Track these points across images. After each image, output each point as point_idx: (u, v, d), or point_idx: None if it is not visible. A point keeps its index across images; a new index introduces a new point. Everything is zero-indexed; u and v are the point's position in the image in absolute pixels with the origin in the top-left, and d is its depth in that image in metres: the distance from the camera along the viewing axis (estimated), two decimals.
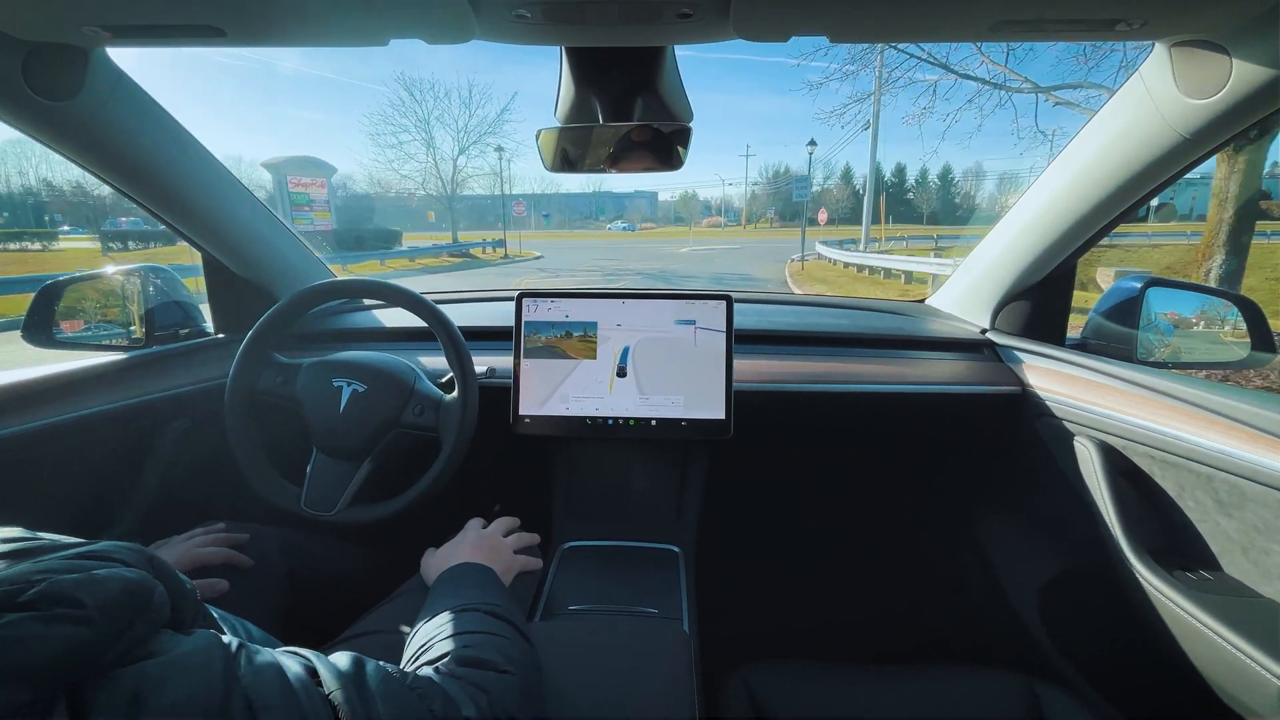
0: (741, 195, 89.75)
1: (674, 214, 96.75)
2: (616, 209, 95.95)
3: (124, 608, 0.27)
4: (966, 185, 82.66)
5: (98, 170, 0.90)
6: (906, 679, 0.81)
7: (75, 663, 0.24)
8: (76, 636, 0.24)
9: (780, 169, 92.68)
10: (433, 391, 0.98)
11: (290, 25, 0.66)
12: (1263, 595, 0.70)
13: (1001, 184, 76.40)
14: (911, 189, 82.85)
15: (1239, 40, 0.64)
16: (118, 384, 0.96)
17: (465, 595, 0.64)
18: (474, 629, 0.58)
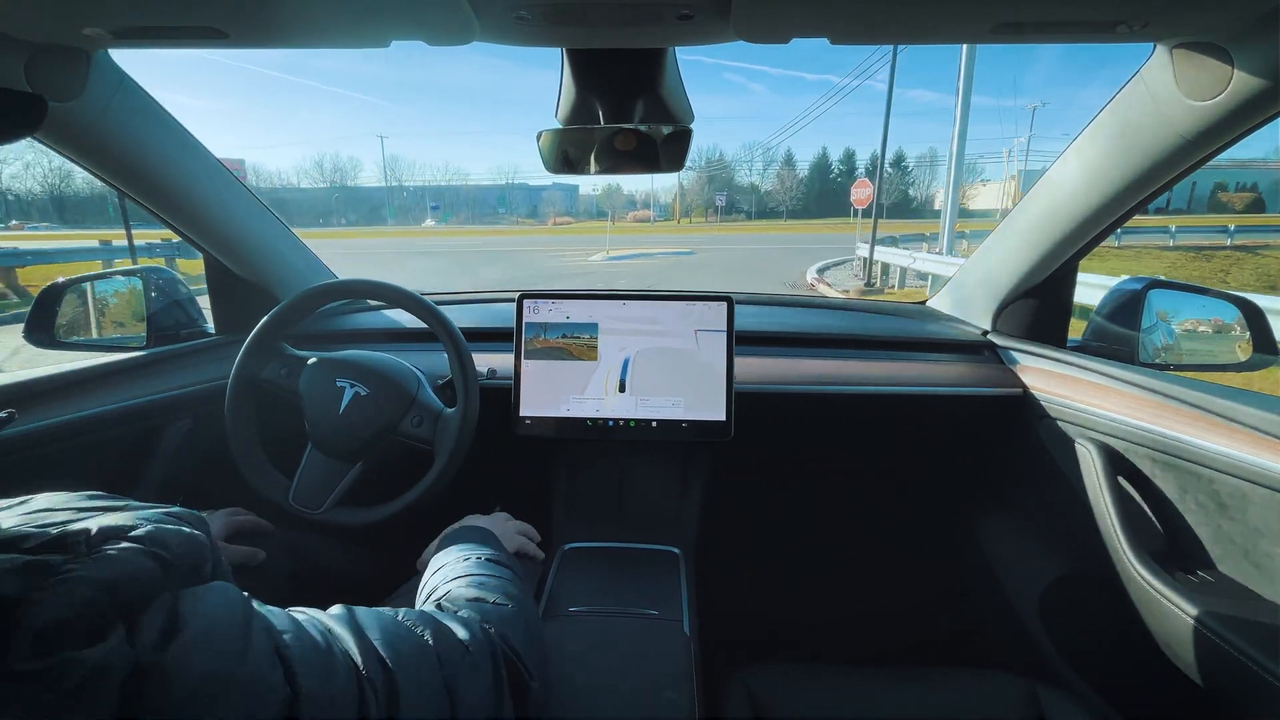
0: (669, 189, 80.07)
1: (597, 208, 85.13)
2: (529, 202, 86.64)
3: (190, 560, 0.33)
4: (923, 174, 76.25)
5: (100, 172, 0.90)
6: (907, 681, 0.80)
7: (147, 589, 0.29)
8: (157, 571, 0.30)
9: (714, 155, 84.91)
10: (433, 403, 0.97)
11: (292, 27, 0.66)
12: (1265, 598, 0.70)
13: (966, 170, 72.87)
14: (865, 177, 76.39)
15: (1240, 42, 0.64)
16: (120, 384, 0.97)
17: (462, 549, 0.66)
18: (473, 572, 0.60)
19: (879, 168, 7.47)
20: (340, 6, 0.62)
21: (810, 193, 71.01)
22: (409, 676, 0.40)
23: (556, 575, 0.96)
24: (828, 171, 72.24)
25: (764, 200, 71.58)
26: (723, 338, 1.01)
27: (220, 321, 1.21)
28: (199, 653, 0.28)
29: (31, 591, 0.24)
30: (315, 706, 0.31)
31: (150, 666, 0.26)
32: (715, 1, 0.59)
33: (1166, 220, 24.44)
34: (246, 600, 0.34)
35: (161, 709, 0.25)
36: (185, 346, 1.12)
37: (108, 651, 0.25)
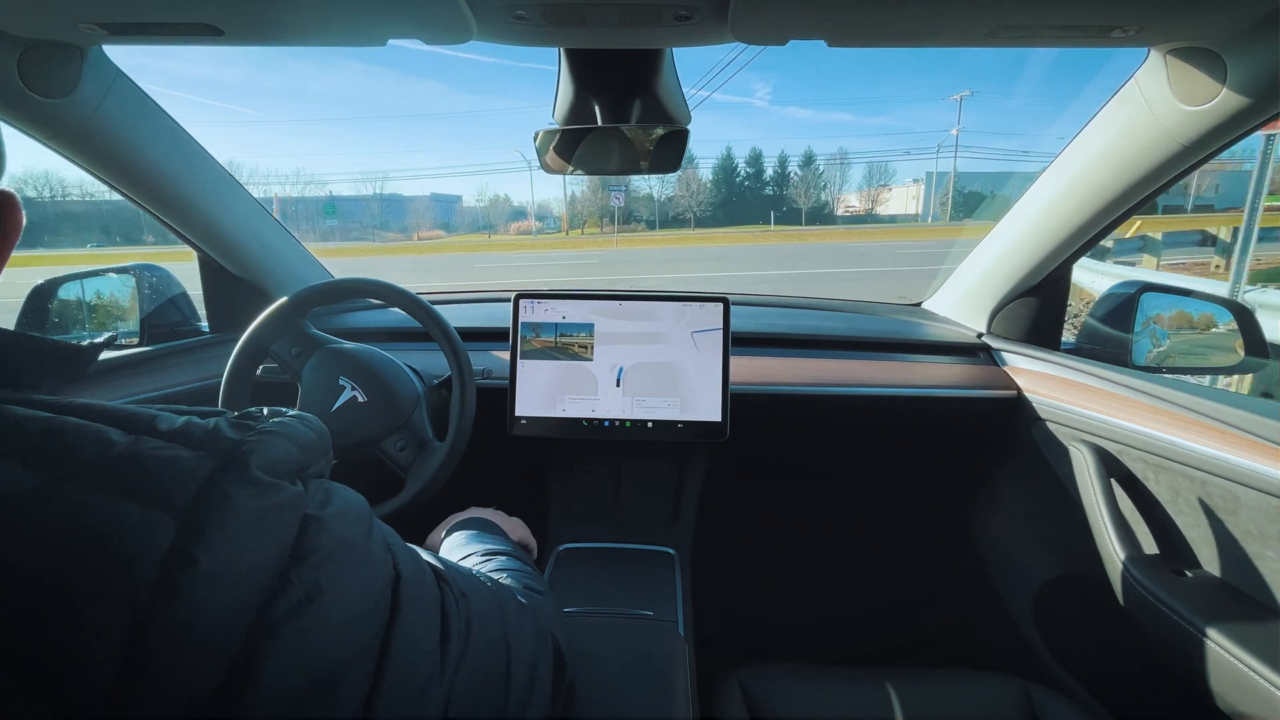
0: (559, 198, 67.39)
1: (481, 220, 72.79)
2: (397, 214, 71.27)
3: (325, 439, 0.39)
4: (831, 174, 66.60)
5: (94, 168, 0.89)
6: (901, 681, 0.81)
7: (311, 452, 0.36)
8: (313, 437, 0.37)
9: None
10: (423, 431, 0.95)
11: (289, 25, 0.66)
12: (1255, 599, 0.70)
13: (871, 173, 66.24)
14: (772, 181, 64.99)
15: (1233, 47, 0.64)
16: (113, 382, 0.96)
17: (485, 542, 0.68)
18: (506, 568, 0.61)
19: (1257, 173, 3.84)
20: (337, 5, 0.62)
21: (718, 198, 63.72)
22: (479, 612, 0.44)
23: (552, 575, 0.96)
24: (734, 175, 65.41)
25: (666, 208, 62.63)
26: (719, 338, 1.01)
27: (215, 320, 1.21)
28: (343, 520, 0.35)
29: (248, 437, 0.32)
30: (412, 589, 0.37)
31: (314, 518, 0.33)
32: (713, 3, 0.59)
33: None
34: (365, 502, 0.40)
35: (316, 551, 0.32)
36: (179, 344, 1.11)
37: (297, 494, 0.33)
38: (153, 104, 0.90)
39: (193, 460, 0.30)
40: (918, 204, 60.28)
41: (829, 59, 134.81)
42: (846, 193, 68.39)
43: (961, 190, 56.71)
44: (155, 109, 0.91)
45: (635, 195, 64.43)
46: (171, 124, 0.94)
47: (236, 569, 0.28)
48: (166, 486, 0.28)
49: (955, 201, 53.13)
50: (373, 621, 0.34)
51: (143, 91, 0.88)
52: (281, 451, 0.34)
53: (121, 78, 0.83)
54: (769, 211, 56.26)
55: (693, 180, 62.40)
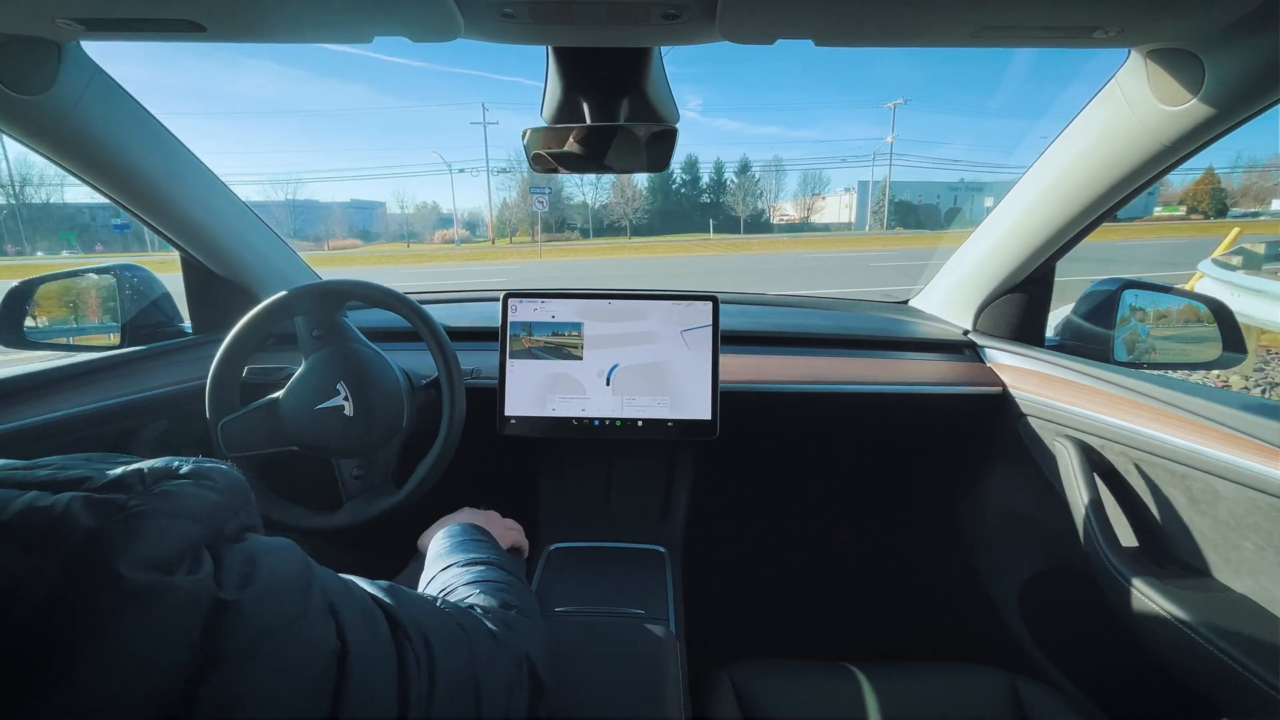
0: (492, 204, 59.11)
1: (406, 228, 66.12)
2: (311, 222, 62.65)
3: (239, 495, 0.34)
4: (767, 182, 65.07)
5: (72, 166, 0.88)
6: (891, 676, 0.81)
7: (216, 520, 0.31)
8: (217, 500, 0.31)
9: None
10: (384, 470, 0.93)
11: (272, 22, 0.65)
12: (1233, 590, 0.72)
13: (806, 181, 65.09)
14: (708, 189, 62.40)
15: (1211, 48, 0.65)
16: (92, 385, 0.94)
17: (471, 551, 0.66)
18: (487, 579, 0.60)
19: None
20: (322, 2, 0.61)
21: (655, 206, 59.69)
22: (444, 657, 0.41)
23: (543, 575, 0.95)
24: (670, 182, 61.24)
25: (601, 215, 58.74)
26: (708, 337, 1.01)
27: (198, 321, 1.19)
28: (270, 600, 0.29)
29: (111, 524, 0.25)
30: (361, 660, 0.33)
31: (231, 604, 0.27)
32: (701, 2, 0.59)
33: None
34: (305, 556, 0.36)
35: (233, 646, 0.26)
36: (162, 346, 1.09)
37: (198, 582, 0.27)
38: (132, 101, 0.88)
39: (27, 571, 0.23)
40: (850, 212, 60.19)
41: (760, 68, 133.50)
42: (782, 201, 67.68)
43: (894, 199, 56.92)
44: (135, 106, 0.89)
45: (569, 202, 60.78)
46: (152, 121, 0.92)
47: (113, 708, 0.22)
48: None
49: (887, 210, 53.46)
50: (314, 708, 0.30)
51: (122, 88, 0.86)
52: (164, 535, 0.27)
53: (100, 74, 0.82)
54: (707, 220, 52.93)
55: (628, 187, 57.90)
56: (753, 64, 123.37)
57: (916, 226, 53.05)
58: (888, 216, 53.50)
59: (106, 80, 0.83)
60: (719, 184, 62.49)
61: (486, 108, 38.73)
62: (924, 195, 61.63)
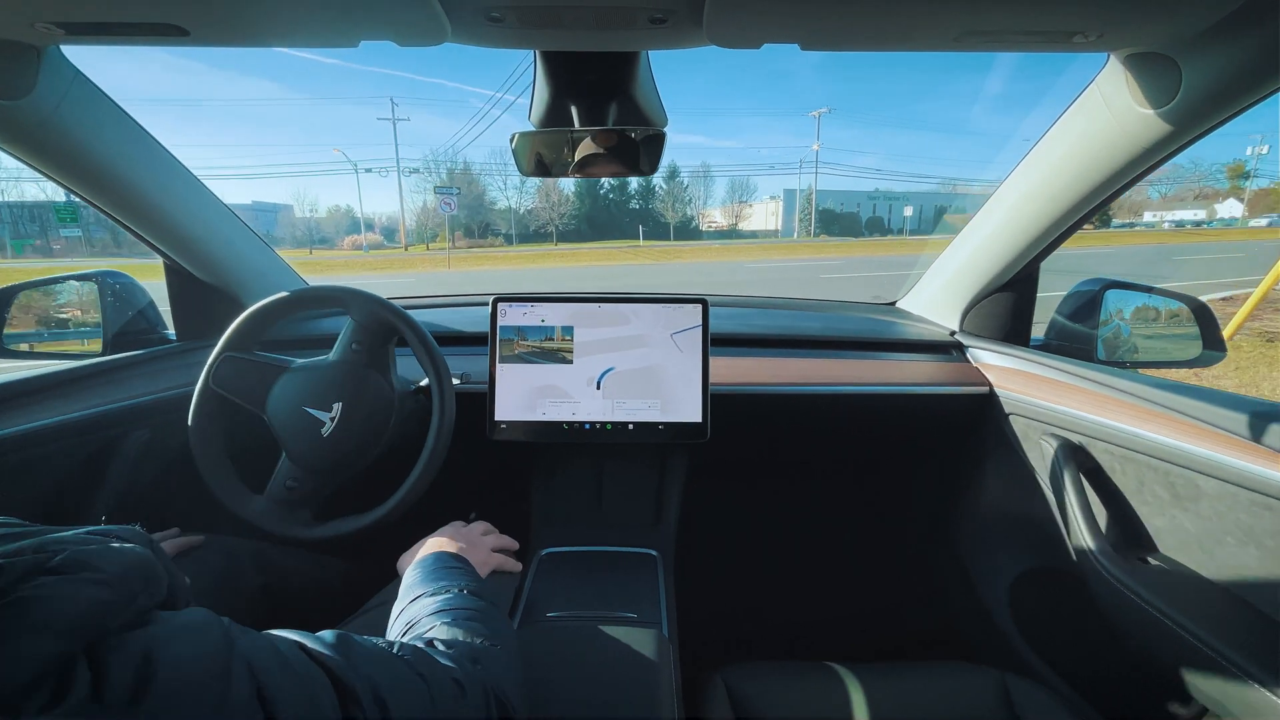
0: (411, 209, 53.35)
1: (315, 232, 60.28)
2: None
3: (135, 577, 0.30)
4: (696, 189, 63.14)
5: (52, 173, 0.86)
6: (882, 675, 0.82)
7: (96, 621, 0.26)
8: (98, 597, 0.27)
9: (457, 167, 56.98)
10: (321, 491, 0.92)
11: (257, 26, 0.65)
12: (1216, 583, 0.73)
13: (734, 188, 64.34)
14: (637, 195, 59.17)
15: (1188, 52, 0.67)
16: (73, 393, 0.93)
17: (444, 580, 0.64)
18: (455, 607, 0.58)
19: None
20: (307, 5, 0.61)
21: (582, 211, 57.10)
22: (401, 713, 0.38)
23: (535, 580, 0.95)
24: (598, 187, 57.67)
25: (526, 220, 56.18)
26: (698, 340, 1.01)
27: (182, 328, 1.17)
28: (174, 702, 0.25)
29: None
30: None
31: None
32: (688, 6, 0.60)
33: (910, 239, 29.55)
34: (225, 631, 0.32)
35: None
36: (145, 353, 1.08)
37: (72, 712, 0.22)
38: (114, 106, 0.87)
39: None
40: (777, 220, 60.36)
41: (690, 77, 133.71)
42: (710, 208, 67.04)
43: (819, 207, 57.32)
44: (117, 111, 0.88)
45: (493, 207, 57.78)
46: (134, 126, 0.91)
47: None
48: None
49: (810, 217, 53.99)
50: None
51: (103, 93, 0.85)
52: (13, 662, 0.22)
53: (81, 78, 0.81)
54: (637, 226, 51.26)
55: (553, 191, 55.04)
56: (678, 72, 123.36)
57: (840, 234, 53.65)
58: (813, 224, 54.09)
59: (87, 85, 0.82)
60: (648, 190, 59.95)
61: (396, 103, 37.66)
62: (845, 204, 62.54)
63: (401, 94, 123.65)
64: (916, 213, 58.79)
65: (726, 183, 68.25)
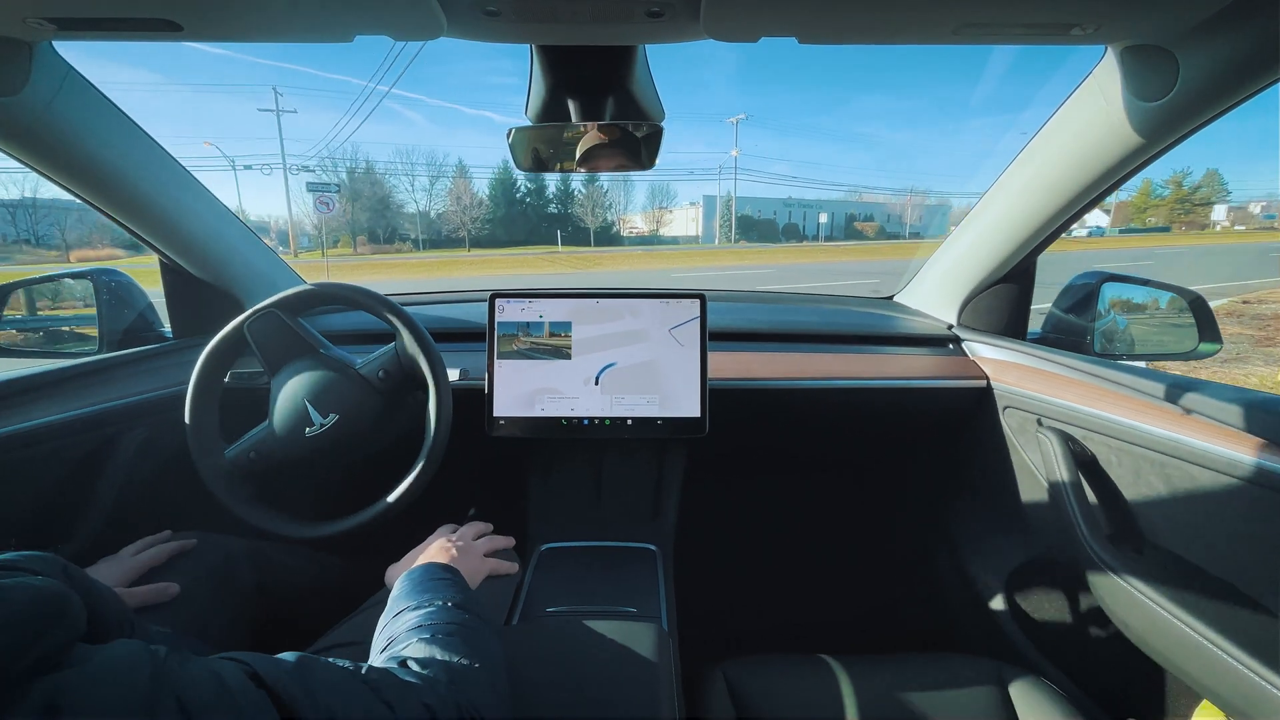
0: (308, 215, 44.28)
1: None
2: (70, 226, 44.25)
3: (34, 617, 0.27)
4: (616, 194, 59.89)
5: (45, 170, 0.86)
6: (880, 668, 0.82)
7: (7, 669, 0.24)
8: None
9: (357, 167, 53.22)
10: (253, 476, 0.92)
11: (251, 20, 0.64)
12: (1211, 574, 0.73)
13: (655, 194, 63.31)
14: (555, 199, 57.17)
15: (1185, 45, 0.67)
16: (69, 392, 0.92)
17: (428, 592, 0.63)
18: (435, 621, 0.57)
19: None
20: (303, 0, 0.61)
21: (497, 215, 54.51)
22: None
23: (534, 576, 0.95)
24: (514, 190, 56.01)
25: (437, 225, 53.24)
26: (696, 334, 1.01)
27: (178, 326, 1.17)
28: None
29: None
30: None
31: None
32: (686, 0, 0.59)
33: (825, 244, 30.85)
34: (155, 667, 0.29)
35: None
36: (141, 351, 1.07)
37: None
38: (108, 101, 0.87)
39: None
40: (698, 226, 59.66)
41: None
42: (632, 213, 65.71)
43: (738, 213, 57.21)
44: (110, 107, 0.87)
45: (401, 210, 53.98)
46: (128, 122, 0.91)
47: None
48: None
49: (729, 224, 53.86)
50: None
51: (97, 89, 0.84)
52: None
53: (74, 74, 0.80)
54: (555, 231, 49.06)
55: (465, 194, 51.84)
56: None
57: (759, 240, 53.96)
58: (733, 230, 53.92)
59: (80, 81, 0.81)
60: (567, 194, 57.55)
61: (280, 93, 33.62)
62: (762, 210, 62.68)
63: (287, 84, 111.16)
64: (829, 219, 60.91)
65: (647, 188, 66.43)
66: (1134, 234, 56.22)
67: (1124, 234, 57.04)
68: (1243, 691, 0.63)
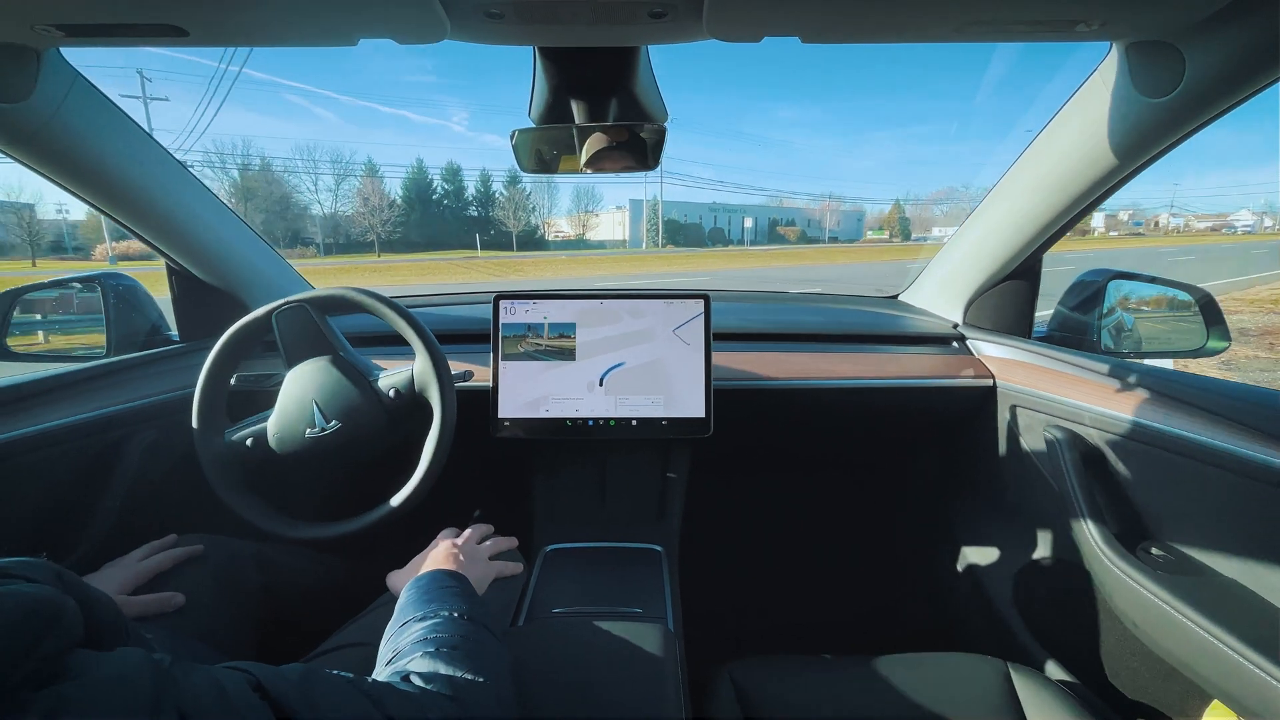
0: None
1: (73, 239, 42.92)
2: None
3: (27, 626, 0.26)
4: (540, 196, 57.35)
5: (53, 175, 0.86)
6: (887, 668, 0.82)
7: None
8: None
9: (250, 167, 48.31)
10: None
11: (256, 25, 0.64)
12: (1221, 574, 0.73)
13: (580, 197, 60.48)
14: (475, 201, 53.83)
15: (1191, 41, 0.66)
16: (78, 395, 0.93)
17: (434, 602, 0.62)
18: (441, 634, 0.56)
19: None
20: (308, 4, 0.61)
21: (411, 218, 50.41)
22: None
23: (539, 577, 0.95)
24: (430, 192, 52.33)
25: (344, 228, 48.92)
26: (700, 335, 1.01)
27: (185, 329, 1.18)
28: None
29: None
30: None
31: None
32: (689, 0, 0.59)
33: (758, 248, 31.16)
34: (158, 677, 0.29)
35: None
36: (148, 354, 1.08)
37: None
38: (114, 107, 0.87)
39: None
40: (625, 230, 58.34)
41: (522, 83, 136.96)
42: (556, 217, 63.68)
43: (664, 218, 56.37)
44: (117, 112, 0.88)
45: (305, 212, 48.67)
46: (134, 127, 0.91)
47: None
48: None
49: (657, 228, 53.06)
50: None
51: (104, 95, 0.85)
52: None
53: (81, 80, 0.81)
54: (474, 235, 45.49)
55: (375, 195, 47.84)
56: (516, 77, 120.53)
57: (685, 244, 53.13)
58: (660, 235, 53.14)
59: (87, 87, 0.82)
60: (487, 196, 54.24)
61: (147, 78, 30.80)
62: (688, 215, 62.22)
63: (158, 68, 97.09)
64: (755, 224, 61.60)
65: (572, 190, 64.45)
66: None
67: None
68: (1254, 692, 0.63)
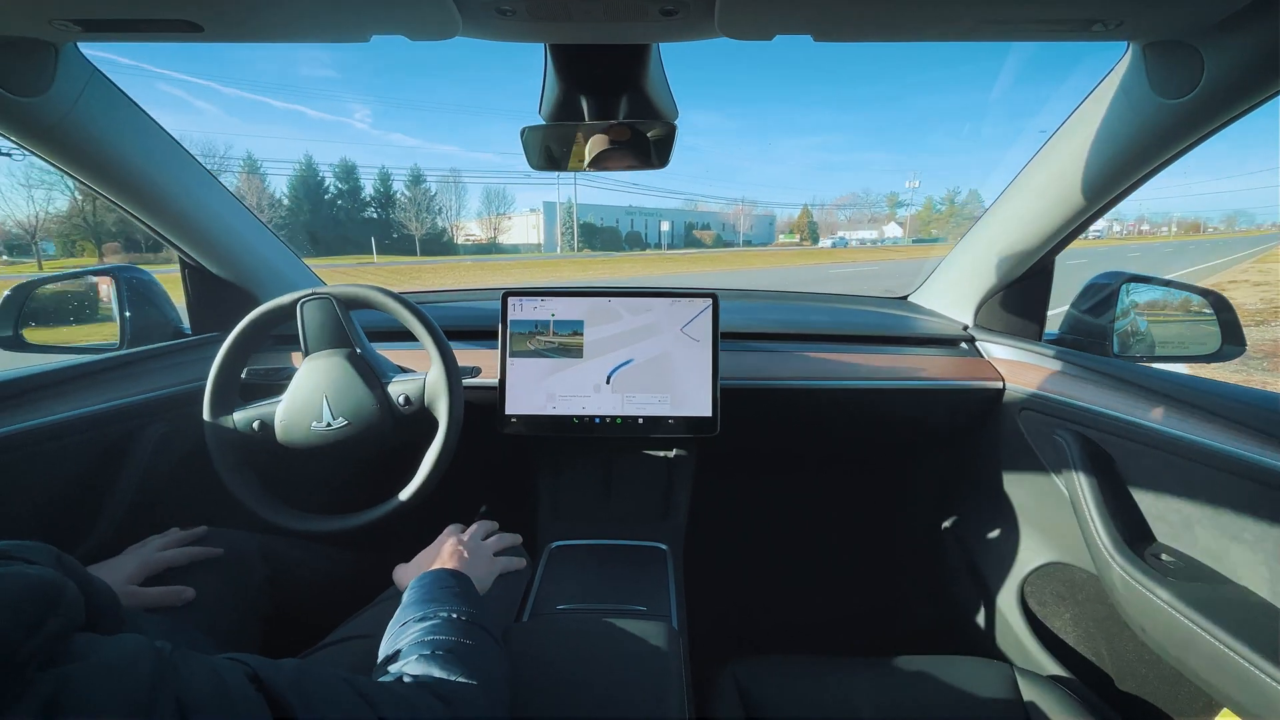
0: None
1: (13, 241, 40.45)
2: None
3: (31, 605, 0.27)
4: (447, 197, 55.59)
5: (69, 169, 0.87)
6: (892, 670, 0.82)
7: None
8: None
9: None
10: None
11: (270, 21, 0.65)
12: (1234, 581, 0.72)
13: (490, 199, 59.17)
14: (374, 202, 50.90)
15: (1210, 41, 0.65)
16: (91, 387, 0.94)
17: (434, 603, 0.62)
18: (438, 636, 0.56)
19: None
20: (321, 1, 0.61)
21: (298, 221, 46.49)
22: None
23: (544, 573, 0.96)
24: (322, 192, 48.84)
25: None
26: (708, 334, 1.01)
27: (197, 322, 1.19)
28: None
29: None
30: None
31: None
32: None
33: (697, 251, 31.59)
34: (157, 664, 0.29)
35: None
36: (161, 347, 1.09)
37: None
38: (130, 102, 0.88)
39: None
40: (539, 233, 56.88)
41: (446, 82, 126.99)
42: (465, 219, 61.70)
43: (580, 221, 55.31)
44: (133, 107, 0.89)
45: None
46: (150, 122, 0.92)
47: None
48: None
49: (573, 231, 52.33)
50: None
51: (120, 90, 0.86)
52: None
53: (97, 75, 0.81)
54: (369, 239, 42.92)
55: (254, 193, 43.31)
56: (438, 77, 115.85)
57: (602, 248, 52.17)
58: (576, 238, 52.36)
59: (104, 82, 0.83)
60: (387, 197, 51.64)
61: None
62: (605, 218, 61.72)
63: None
64: (671, 227, 62.20)
65: (482, 191, 63.09)
66: (924, 244, 62.19)
67: (916, 244, 63.61)
68: (1265, 700, 0.62)
